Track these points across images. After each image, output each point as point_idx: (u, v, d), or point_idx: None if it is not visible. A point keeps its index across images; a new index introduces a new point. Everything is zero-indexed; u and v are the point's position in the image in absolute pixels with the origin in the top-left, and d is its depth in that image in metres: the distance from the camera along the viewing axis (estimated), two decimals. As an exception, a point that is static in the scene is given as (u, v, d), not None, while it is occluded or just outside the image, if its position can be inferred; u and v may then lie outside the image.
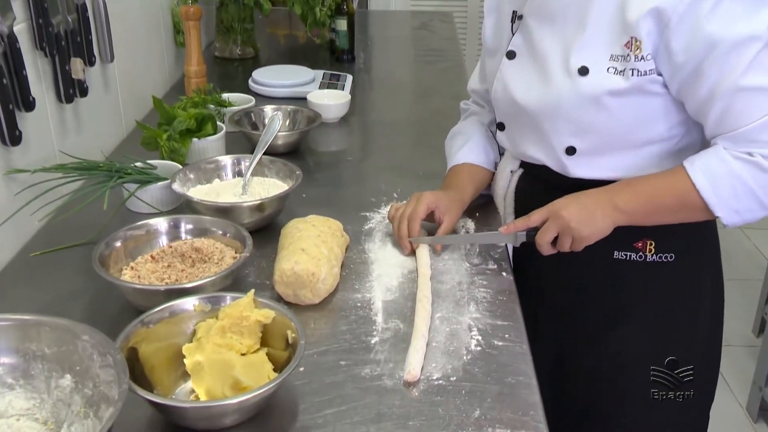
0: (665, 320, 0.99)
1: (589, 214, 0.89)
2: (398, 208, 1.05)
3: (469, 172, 1.10)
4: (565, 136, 0.94)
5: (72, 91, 1.17)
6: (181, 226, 0.98)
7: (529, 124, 0.98)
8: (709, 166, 0.85)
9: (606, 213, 0.89)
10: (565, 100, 0.91)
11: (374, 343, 0.84)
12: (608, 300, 1.00)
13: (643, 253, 0.97)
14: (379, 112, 1.73)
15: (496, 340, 0.85)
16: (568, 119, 0.92)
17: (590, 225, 0.89)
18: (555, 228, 0.90)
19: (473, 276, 0.98)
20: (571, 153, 0.94)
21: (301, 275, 0.89)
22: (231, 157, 1.19)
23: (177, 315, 0.78)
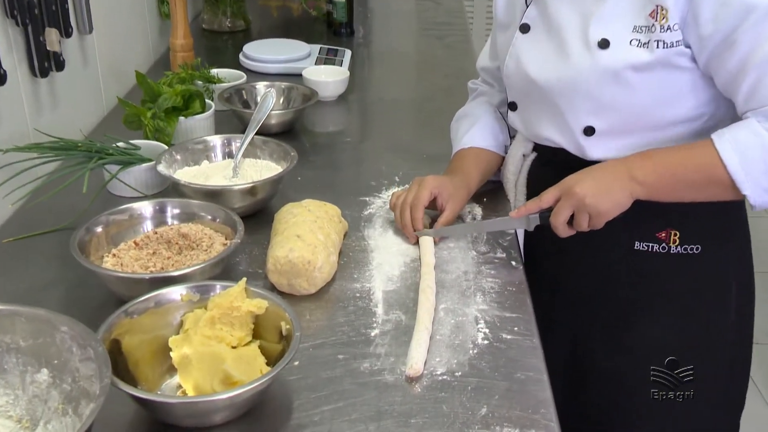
0: (690, 317, 0.99)
1: (604, 187, 0.87)
2: (399, 195, 1.05)
3: (476, 156, 1.10)
4: (583, 115, 0.93)
5: (47, 64, 1.17)
6: (167, 210, 0.98)
7: (543, 103, 0.97)
8: (738, 140, 0.84)
9: (623, 185, 0.87)
10: (583, 76, 0.91)
11: (374, 336, 0.84)
12: (627, 294, 1.00)
13: (667, 245, 0.96)
14: (380, 89, 1.72)
15: (505, 333, 0.85)
16: (587, 97, 0.92)
17: (607, 198, 0.87)
18: (569, 206, 0.89)
19: (480, 265, 0.98)
20: (590, 133, 0.94)
21: (296, 263, 0.89)
22: (221, 137, 1.18)
23: (163, 305, 0.78)
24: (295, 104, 1.44)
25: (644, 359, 1.00)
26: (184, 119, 1.27)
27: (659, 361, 0.99)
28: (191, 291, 0.79)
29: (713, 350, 0.99)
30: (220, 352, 0.74)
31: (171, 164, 1.11)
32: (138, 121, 1.24)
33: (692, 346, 0.99)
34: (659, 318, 0.99)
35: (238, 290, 0.77)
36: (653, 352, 1.00)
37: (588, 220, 0.89)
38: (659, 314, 0.99)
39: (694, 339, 0.99)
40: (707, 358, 0.99)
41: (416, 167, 1.25)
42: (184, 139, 1.24)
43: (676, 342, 1.00)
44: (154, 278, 0.84)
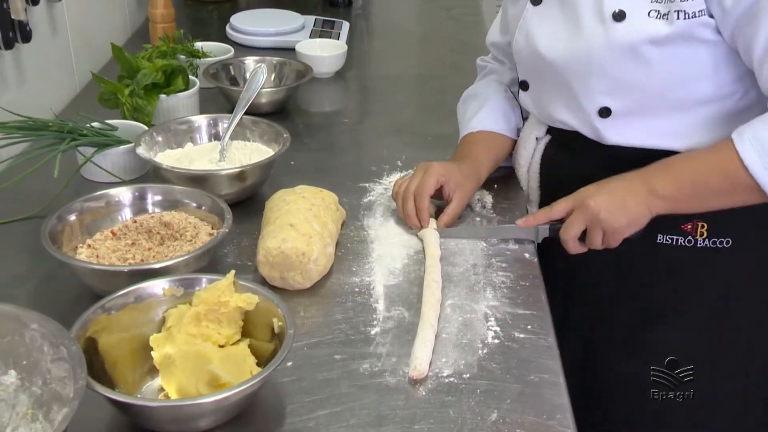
0: (720, 317, 0.98)
1: (620, 201, 0.88)
2: (402, 183, 1.04)
3: (486, 141, 1.09)
4: (598, 95, 0.93)
5: (11, 34, 1.16)
6: (148, 197, 0.98)
7: (556, 82, 0.97)
8: (759, 137, 0.83)
9: (640, 199, 0.88)
10: (597, 52, 0.90)
11: (374, 335, 0.84)
12: (649, 292, 1.00)
13: (693, 237, 0.96)
14: (381, 65, 1.72)
15: (517, 331, 0.85)
16: (602, 75, 0.91)
17: (623, 214, 0.88)
18: (582, 220, 0.89)
19: (490, 257, 0.98)
20: (605, 115, 0.93)
21: (289, 255, 0.89)
22: (206, 117, 1.18)
23: (143, 300, 0.78)
24: (287, 81, 1.44)
25: (669, 364, 1.00)
26: (165, 97, 1.26)
27: (670, 364, 1.00)
28: (174, 285, 0.79)
29: (752, 353, 0.99)
30: (206, 351, 0.74)
31: (151, 147, 1.11)
32: (114, 99, 1.23)
33: (728, 351, 0.99)
34: (685, 318, 0.99)
35: (226, 284, 0.77)
36: (678, 356, 1.00)
37: (602, 236, 0.89)
38: (685, 314, 0.99)
39: (725, 342, 0.99)
40: (742, 364, 0.99)
41: (420, 150, 1.25)
42: (165, 119, 1.23)
43: (704, 345, 1.00)
44: (133, 271, 0.84)
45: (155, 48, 1.39)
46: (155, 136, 1.12)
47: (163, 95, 1.26)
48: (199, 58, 1.45)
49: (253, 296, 0.77)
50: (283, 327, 0.74)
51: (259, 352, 0.76)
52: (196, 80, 1.33)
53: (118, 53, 1.27)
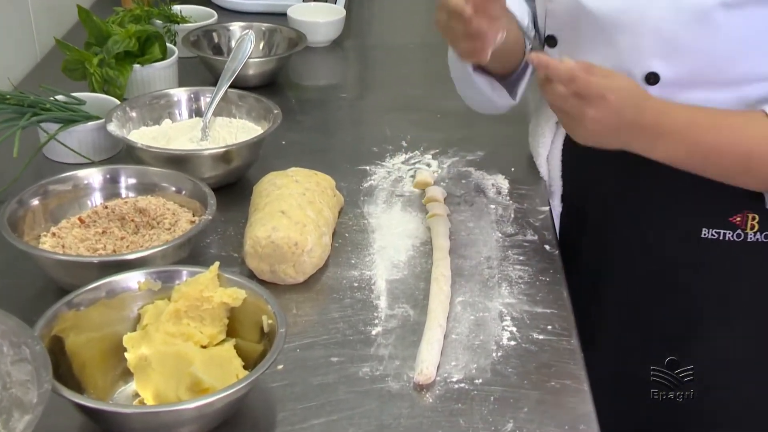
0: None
1: (618, 124, 0.84)
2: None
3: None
4: (648, 58, 0.91)
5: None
6: (120, 180, 0.99)
7: (597, 39, 0.94)
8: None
9: (639, 142, 0.86)
10: (656, 10, 0.88)
11: (375, 335, 0.85)
12: (691, 293, 1.00)
13: (743, 231, 0.95)
14: (384, 33, 1.72)
15: (536, 332, 0.86)
16: (656, 35, 0.90)
17: (606, 138, 0.86)
18: (573, 93, 0.83)
19: (506, 249, 0.99)
20: (652, 82, 0.92)
21: (280, 245, 0.89)
22: (186, 91, 1.18)
23: (116, 295, 0.78)
24: (278, 51, 1.44)
25: (726, 378, 1.00)
26: (139, 68, 1.27)
27: (739, 381, 1.00)
28: (151, 278, 0.80)
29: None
30: (186, 352, 0.74)
31: (124, 123, 1.11)
32: (81, 69, 1.23)
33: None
34: (732, 323, 0.99)
35: (209, 278, 0.78)
36: (724, 366, 1.00)
37: (569, 122, 0.86)
38: (733, 318, 0.99)
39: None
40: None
41: (428, 129, 1.25)
42: (140, 93, 1.24)
43: (754, 352, 1.00)
44: (104, 262, 0.85)
45: (128, 11, 1.39)
46: (128, 111, 1.12)
47: (137, 65, 1.26)
48: (178, 24, 1.45)
49: (240, 291, 0.77)
50: (273, 326, 0.74)
51: (247, 353, 0.76)
52: (175, 49, 1.33)
53: (85, 17, 1.27)
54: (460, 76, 1.06)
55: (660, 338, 1.03)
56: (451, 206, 1.06)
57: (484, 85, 1.03)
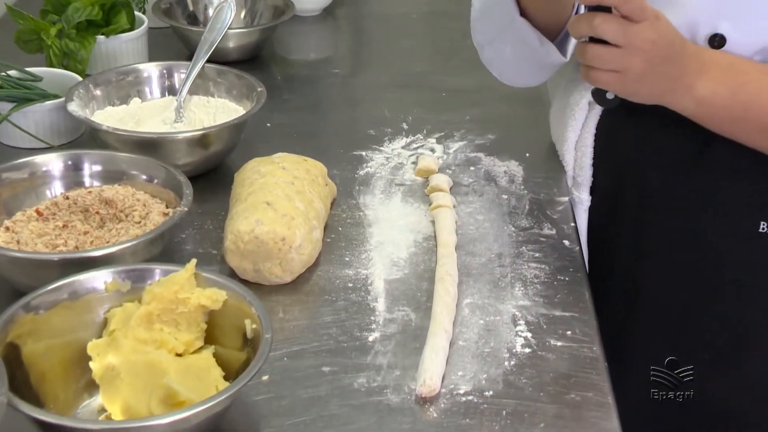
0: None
1: (661, 69, 0.87)
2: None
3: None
4: (714, 16, 0.92)
5: None
6: (84, 167, 0.99)
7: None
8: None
9: (679, 86, 0.89)
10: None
11: (373, 341, 0.86)
12: (748, 299, 1.00)
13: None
14: (381, 1, 1.71)
15: (554, 338, 0.86)
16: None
17: (644, 84, 0.88)
18: (613, 33, 0.85)
19: (520, 245, 0.99)
20: (717, 45, 0.93)
21: (265, 241, 0.90)
22: (158, 66, 1.19)
23: (80, 297, 0.79)
24: (262, 20, 1.45)
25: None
26: (104, 39, 1.27)
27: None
28: (119, 278, 0.80)
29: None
30: (159, 361, 0.74)
31: (87, 103, 1.11)
32: (37, 41, 1.24)
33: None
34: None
35: (185, 277, 0.78)
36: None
37: (611, 74, 0.88)
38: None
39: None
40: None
41: (432, 109, 1.25)
42: (104, 68, 1.24)
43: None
44: (65, 260, 0.85)
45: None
46: (92, 89, 1.13)
47: (102, 36, 1.27)
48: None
49: (220, 292, 0.78)
50: (257, 331, 0.75)
51: (228, 362, 0.77)
52: (144, 18, 1.34)
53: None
54: (497, 31, 1.05)
55: (706, 354, 1.03)
56: (457, 197, 1.06)
57: (532, 36, 1.01)
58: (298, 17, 1.51)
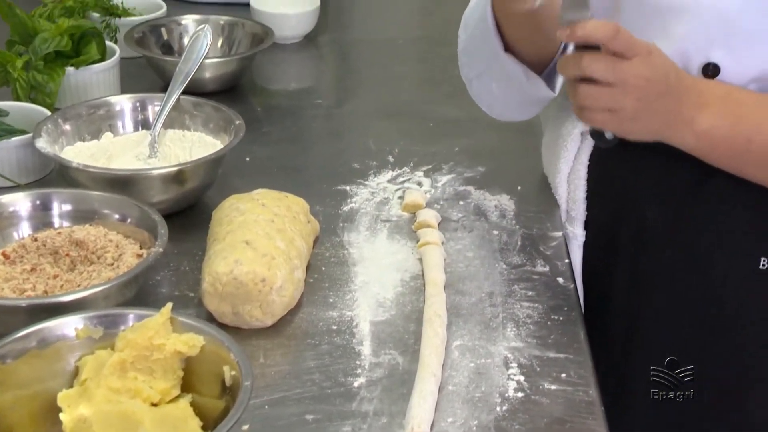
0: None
1: (656, 105, 0.89)
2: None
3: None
4: (707, 45, 0.94)
5: None
6: (53, 206, 1.00)
7: (645, 23, 0.97)
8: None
9: (678, 122, 0.91)
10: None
11: (358, 387, 0.86)
12: (749, 337, 1.02)
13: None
14: (367, 26, 1.74)
15: (548, 381, 0.87)
16: (719, 19, 0.92)
17: (646, 119, 0.90)
18: (603, 70, 0.87)
19: (512, 284, 1.01)
20: (711, 74, 0.95)
21: (244, 282, 0.91)
22: (130, 98, 1.20)
23: (49, 345, 0.79)
24: (240, 49, 1.46)
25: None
26: (74, 70, 1.28)
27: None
28: (91, 324, 0.80)
29: None
30: (134, 411, 0.75)
31: (56, 138, 1.12)
32: (3, 74, 1.24)
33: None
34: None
35: (161, 322, 0.79)
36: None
37: (605, 113, 0.89)
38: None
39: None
40: None
41: (420, 141, 1.27)
42: (74, 101, 1.25)
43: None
44: (34, 306, 0.86)
45: (58, 3, 1.40)
46: (61, 123, 1.14)
47: (71, 68, 1.28)
48: (120, 17, 1.47)
49: (197, 337, 0.78)
50: (236, 378, 0.75)
51: (206, 411, 0.77)
52: (116, 48, 1.35)
53: (6, 10, 1.28)
54: (483, 65, 1.07)
55: (708, 397, 1.04)
56: (446, 233, 1.07)
57: (518, 71, 1.03)
58: (278, 45, 1.52)
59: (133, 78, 1.38)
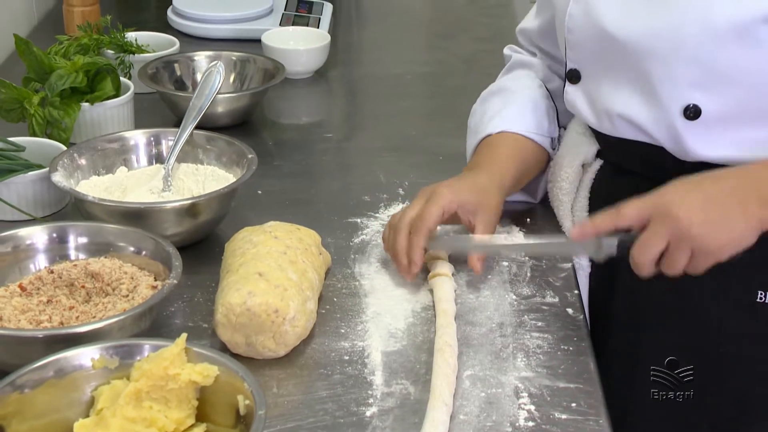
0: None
1: (719, 210, 0.87)
2: (397, 214, 1.07)
3: (511, 145, 1.11)
4: (685, 89, 0.95)
5: None
6: (69, 239, 1.01)
7: (625, 70, 0.99)
8: None
9: (749, 210, 0.86)
10: (690, 30, 0.92)
11: (370, 417, 0.87)
12: (746, 370, 1.02)
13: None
14: (376, 61, 1.75)
15: (558, 411, 0.88)
16: (693, 61, 0.93)
17: (723, 229, 0.87)
18: (665, 235, 0.87)
19: (522, 314, 1.01)
20: (693, 116, 0.95)
21: (257, 313, 0.91)
22: (144, 133, 1.22)
23: (66, 375, 0.80)
24: (252, 84, 1.48)
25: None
26: (89, 106, 1.29)
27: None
28: (107, 354, 0.81)
29: None
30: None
31: (72, 172, 1.14)
32: (20, 110, 1.26)
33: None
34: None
35: (175, 352, 0.80)
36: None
37: (688, 259, 0.88)
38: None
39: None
40: None
41: (429, 174, 1.27)
42: (89, 136, 1.26)
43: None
44: (50, 337, 0.86)
45: (74, 40, 1.42)
46: (76, 158, 1.15)
47: (86, 104, 1.29)
48: (134, 54, 1.49)
49: (211, 367, 0.79)
50: (250, 407, 0.76)
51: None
52: (130, 84, 1.36)
53: (23, 48, 1.29)
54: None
55: (708, 424, 1.05)
56: (456, 264, 1.08)
57: None
58: (289, 80, 1.54)
59: (147, 113, 1.40)
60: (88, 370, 0.81)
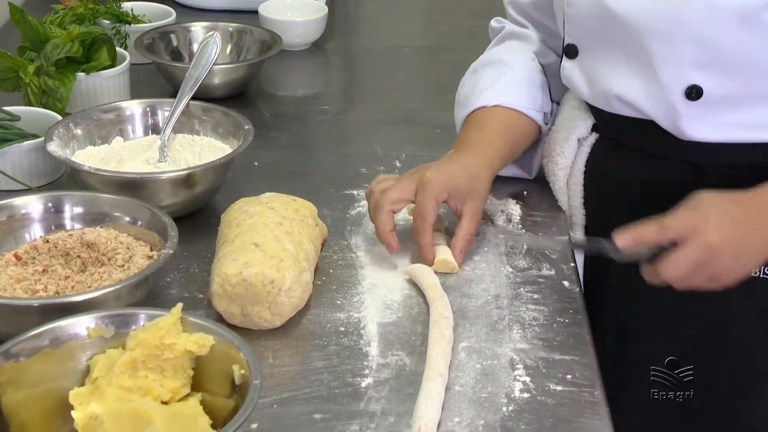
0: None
1: (752, 241, 0.88)
2: (383, 180, 1.06)
3: (502, 121, 1.10)
4: (687, 69, 0.94)
5: None
6: (64, 209, 1.01)
7: (625, 47, 0.98)
8: None
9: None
10: (694, 11, 0.92)
11: (366, 387, 0.87)
12: (743, 344, 1.02)
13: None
14: (373, 33, 1.75)
15: (554, 382, 0.88)
16: (697, 41, 0.93)
17: (752, 260, 0.89)
18: (697, 261, 0.88)
19: (518, 286, 1.01)
20: (694, 97, 0.95)
21: (253, 284, 0.91)
22: (140, 103, 1.21)
23: (61, 344, 0.80)
24: (248, 55, 1.47)
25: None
26: (84, 76, 1.29)
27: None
28: (102, 323, 0.81)
29: None
30: (144, 410, 0.76)
31: (67, 142, 1.13)
32: (15, 79, 1.26)
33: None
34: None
35: (171, 322, 0.79)
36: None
37: (705, 281, 0.90)
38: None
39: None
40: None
41: (426, 146, 1.28)
42: (85, 106, 1.26)
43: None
44: (45, 306, 0.87)
45: (69, 10, 1.41)
46: (72, 128, 1.15)
47: (82, 74, 1.29)
48: (130, 24, 1.49)
49: (207, 337, 0.79)
50: (246, 377, 0.76)
51: (215, 409, 0.78)
52: (126, 54, 1.36)
53: (18, 16, 1.29)
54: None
55: (702, 403, 1.05)
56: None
57: None
58: (286, 52, 1.54)
59: (143, 83, 1.39)
60: (84, 339, 0.81)
